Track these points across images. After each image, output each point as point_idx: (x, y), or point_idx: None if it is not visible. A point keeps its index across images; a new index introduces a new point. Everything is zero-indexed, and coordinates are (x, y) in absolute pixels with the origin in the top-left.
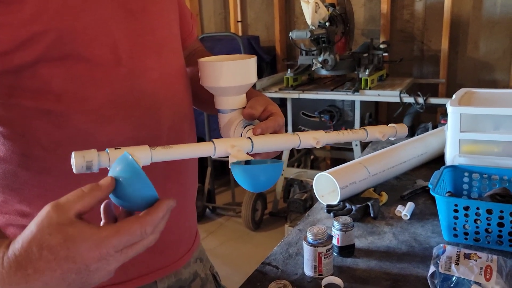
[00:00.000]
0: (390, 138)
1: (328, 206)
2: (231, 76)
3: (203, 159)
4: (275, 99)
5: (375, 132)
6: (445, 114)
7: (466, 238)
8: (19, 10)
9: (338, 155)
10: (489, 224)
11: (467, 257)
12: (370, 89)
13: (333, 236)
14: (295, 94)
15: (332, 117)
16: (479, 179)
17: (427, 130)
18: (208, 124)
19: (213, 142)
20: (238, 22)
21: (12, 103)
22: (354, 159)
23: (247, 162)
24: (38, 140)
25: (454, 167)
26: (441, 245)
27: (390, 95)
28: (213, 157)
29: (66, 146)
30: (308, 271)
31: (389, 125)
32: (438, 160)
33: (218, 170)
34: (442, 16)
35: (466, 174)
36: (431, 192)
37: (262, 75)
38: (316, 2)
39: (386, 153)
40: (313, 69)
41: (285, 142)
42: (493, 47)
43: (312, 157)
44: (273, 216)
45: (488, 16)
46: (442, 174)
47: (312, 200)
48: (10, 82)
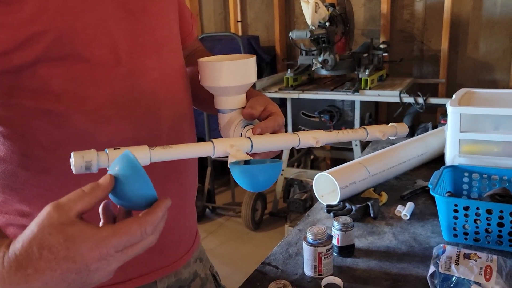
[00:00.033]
0: (390, 137)
1: (328, 206)
2: (231, 76)
3: (203, 159)
4: (275, 99)
5: (375, 131)
6: (445, 114)
7: (466, 238)
8: (19, 10)
9: (338, 155)
10: (489, 224)
11: (467, 257)
12: (370, 89)
13: (333, 236)
14: (295, 94)
15: (332, 117)
16: (479, 179)
17: (427, 130)
18: (208, 124)
19: (212, 142)
20: (238, 22)
21: (12, 103)
22: (354, 159)
23: (246, 162)
24: (38, 140)
25: (454, 167)
26: (441, 245)
27: (390, 95)
28: (212, 157)
29: (66, 146)
30: (308, 271)
31: (389, 124)
32: (438, 160)
33: (218, 170)
34: (442, 16)
35: (466, 174)
36: (431, 192)
37: (262, 75)
38: (316, 2)
39: (386, 153)
40: (313, 69)
41: (284, 141)
42: (493, 47)
43: (312, 157)
44: (273, 216)
45: (488, 16)
46: (442, 174)
47: (312, 200)
48: (10, 82)
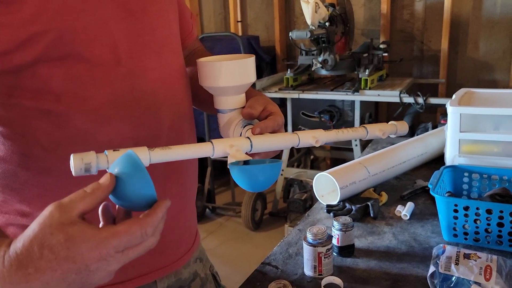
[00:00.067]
0: (390, 135)
1: (328, 206)
2: (230, 76)
3: (203, 159)
4: (275, 99)
5: (375, 130)
6: (445, 114)
7: (465, 238)
8: (19, 10)
9: (338, 155)
10: (488, 224)
11: (467, 257)
12: (370, 89)
13: (333, 236)
14: (295, 94)
15: (332, 117)
16: (479, 179)
17: (427, 130)
18: (208, 124)
19: (211, 143)
20: (238, 22)
21: (12, 103)
22: (354, 159)
23: (246, 163)
24: (38, 140)
25: (454, 167)
26: (440, 245)
27: (390, 95)
28: (212, 157)
29: (66, 146)
30: (308, 271)
31: (389, 122)
32: (438, 160)
33: (218, 170)
34: (442, 16)
35: (466, 174)
36: (431, 192)
37: (262, 75)
38: (316, 2)
39: (386, 153)
40: (313, 69)
41: (284, 141)
42: (493, 47)
43: (312, 157)
44: (273, 216)
45: (488, 16)
46: (442, 174)
47: (312, 200)
48: (10, 82)
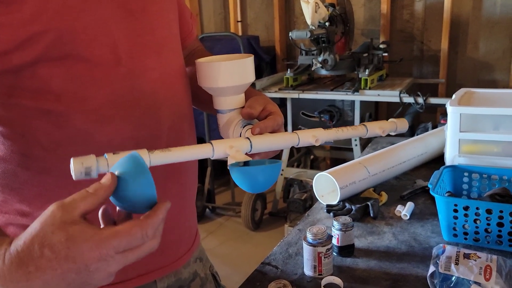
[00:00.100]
0: (390, 133)
1: (328, 206)
2: (229, 76)
3: (203, 159)
4: (275, 99)
5: (375, 127)
6: (445, 114)
7: (465, 238)
8: (19, 10)
9: (338, 155)
10: (488, 224)
11: (467, 257)
12: (370, 89)
13: (332, 236)
14: (295, 94)
15: (332, 117)
16: (479, 179)
17: (427, 130)
18: (208, 124)
19: (211, 144)
20: (238, 22)
21: (12, 103)
22: (354, 159)
23: (246, 163)
24: (38, 140)
25: (453, 167)
26: (440, 245)
27: (390, 95)
28: (212, 158)
29: (66, 146)
30: (307, 271)
31: (389, 120)
32: (438, 160)
33: (218, 170)
34: (442, 16)
35: (466, 174)
36: (431, 192)
37: (262, 75)
38: (316, 2)
39: (386, 153)
40: (313, 69)
41: (284, 141)
42: (492, 47)
43: (312, 157)
44: (273, 216)
45: (488, 16)
46: (442, 174)
47: (312, 200)
48: (10, 82)
